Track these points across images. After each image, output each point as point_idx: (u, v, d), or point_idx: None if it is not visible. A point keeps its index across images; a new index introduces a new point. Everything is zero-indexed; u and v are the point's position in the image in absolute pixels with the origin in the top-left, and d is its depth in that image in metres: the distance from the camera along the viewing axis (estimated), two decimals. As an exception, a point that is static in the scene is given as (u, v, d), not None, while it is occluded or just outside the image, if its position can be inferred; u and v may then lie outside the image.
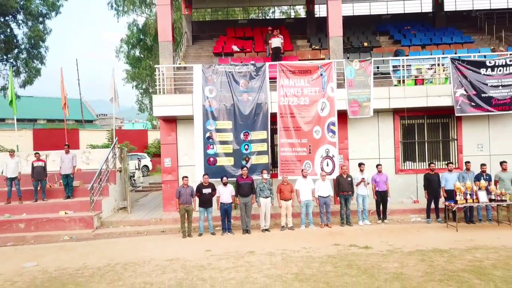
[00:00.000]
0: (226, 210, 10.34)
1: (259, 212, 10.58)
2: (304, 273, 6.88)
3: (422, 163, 12.57)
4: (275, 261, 7.71)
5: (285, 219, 10.57)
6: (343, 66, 11.81)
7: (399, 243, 8.78)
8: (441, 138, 12.84)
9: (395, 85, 12.10)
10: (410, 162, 12.81)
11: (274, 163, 12.13)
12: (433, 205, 10.98)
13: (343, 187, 10.80)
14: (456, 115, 11.79)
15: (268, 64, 11.83)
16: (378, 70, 13.44)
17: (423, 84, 12.09)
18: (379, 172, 11.02)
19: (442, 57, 11.99)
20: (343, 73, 11.81)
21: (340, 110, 11.74)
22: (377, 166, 11.12)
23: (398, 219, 11.41)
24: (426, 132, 12.80)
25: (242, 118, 11.64)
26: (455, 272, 6.68)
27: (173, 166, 12.48)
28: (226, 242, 9.54)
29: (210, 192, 10.33)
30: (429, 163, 11.37)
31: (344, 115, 11.94)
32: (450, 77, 11.74)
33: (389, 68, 12.26)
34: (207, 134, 11.60)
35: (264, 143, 11.69)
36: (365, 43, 17.71)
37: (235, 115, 11.63)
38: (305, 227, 10.60)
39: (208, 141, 11.61)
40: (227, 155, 11.64)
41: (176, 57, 15.43)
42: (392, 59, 12.27)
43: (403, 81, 12.10)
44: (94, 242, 10.31)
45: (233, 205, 10.66)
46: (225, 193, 10.34)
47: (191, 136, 12.03)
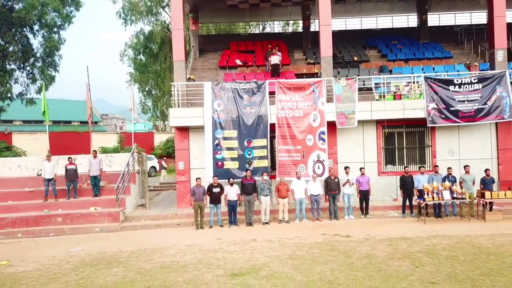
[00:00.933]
0: (232, 206, 12.33)
1: (260, 208, 12.57)
2: (296, 254, 8.84)
3: (401, 166, 14.51)
4: (273, 246, 9.68)
5: (282, 214, 12.56)
6: (332, 83, 13.77)
7: (375, 233, 10.75)
8: (417, 145, 14.82)
9: (376, 100, 14.08)
10: (391, 165, 14.78)
11: (273, 166, 14.08)
12: (408, 203, 12.96)
13: (331, 187, 12.78)
14: (428, 125, 13.77)
15: (268, 81, 13.80)
16: (364, 85, 15.43)
17: (400, 99, 14.07)
18: (362, 174, 13.00)
19: (417, 76, 13.97)
20: (332, 89, 13.77)
21: (330, 121, 13.71)
22: (360, 169, 13.10)
23: (379, 214, 13.38)
24: (404, 139, 14.77)
25: (246, 128, 13.61)
26: (412, 253, 8.64)
27: (186, 168, 14.44)
28: (233, 232, 11.52)
29: (219, 191, 12.31)
30: (404, 166, 13.37)
31: (333, 125, 13.89)
32: (423, 93, 13.71)
33: (372, 85, 14.22)
34: (216, 142, 13.57)
35: (264, 149, 13.67)
36: (355, 57, 19.68)
37: (240, 125, 13.60)
38: (299, 220, 12.57)
39: (216, 147, 13.58)
40: (233, 159, 13.61)
41: (186, 69, 17.39)
42: (374, 77, 14.26)
43: (384, 96, 14.08)
44: (122, 233, 12.29)
45: (239, 202, 12.63)
46: (232, 192, 12.33)
47: (201, 143, 13.99)
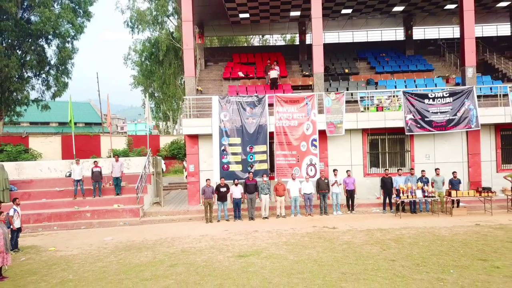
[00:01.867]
0: (237, 204, 14.45)
1: (261, 205, 14.67)
2: (290, 241, 10.94)
3: (384, 169, 16.59)
4: (271, 235, 11.78)
5: (279, 210, 14.66)
6: (323, 97, 15.86)
7: (357, 225, 12.85)
8: (398, 150, 16.93)
9: (361, 111, 16.19)
10: (375, 168, 16.87)
11: (272, 168, 16.16)
12: (388, 200, 15.07)
13: (322, 186, 14.88)
14: (406, 134, 15.89)
15: (267, 95, 15.91)
16: (352, 97, 17.54)
17: (382, 110, 16.18)
18: (348, 176, 15.11)
19: (397, 90, 16.09)
20: (323, 102, 15.86)
21: (321, 130, 15.81)
22: (347, 171, 15.21)
23: (363, 210, 15.49)
24: (387, 145, 16.88)
25: (248, 135, 15.71)
26: (383, 240, 10.75)
27: (196, 170, 16.52)
28: (237, 225, 13.63)
29: (225, 190, 14.41)
30: (385, 169, 15.50)
31: (324, 133, 15.97)
32: (402, 105, 15.81)
33: (358, 98, 16.32)
34: (222, 147, 15.67)
35: (264, 154, 15.76)
36: (346, 70, 21.81)
37: (243, 133, 15.70)
38: (294, 215, 14.68)
39: (223, 152, 15.67)
40: (237, 163, 15.70)
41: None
42: (360, 92, 16.37)
43: (368, 108, 16.19)
44: (143, 226, 14.39)
45: (242, 200, 14.72)
46: (236, 191, 14.44)
47: (209, 148, 16.08)
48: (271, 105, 16.00)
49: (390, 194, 14.91)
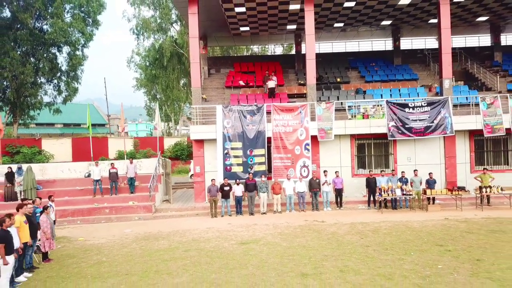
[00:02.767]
0: (238, 201, 16.40)
1: (259, 202, 16.62)
2: (284, 232, 12.89)
3: (369, 170, 18.56)
4: (268, 227, 13.74)
5: (276, 206, 16.62)
6: (315, 106, 17.82)
7: (343, 219, 14.79)
8: (383, 153, 18.89)
9: (349, 119, 18.15)
10: (362, 169, 18.82)
11: (269, 169, 18.10)
12: (372, 198, 17.02)
13: (313, 186, 16.83)
14: (388, 139, 17.86)
15: (265, 105, 17.86)
16: (341, 105, 19.50)
17: (368, 118, 18.13)
18: (337, 176, 17.06)
19: (381, 100, 18.04)
20: (315, 111, 17.81)
21: (313, 135, 17.76)
22: (335, 172, 17.17)
23: (350, 207, 17.44)
24: (372, 149, 18.85)
25: (248, 140, 17.66)
26: (363, 231, 12.70)
27: (201, 171, 18.47)
28: (239, 219, 15.58)
29: (228, 189, 16.36)
30: (369, 170, 17.46)
31: (316, 138, 17.92)
32: (385, 114, 17.77)
33: (346, 107, 18.29)
34: (225, 151, 17.62)
35: (262, 157, 17.71)
36: (338, 79, 23.76)
37: (244, 138, 17.64)
38: (289, 211, 16.63)
39: (226, 155, 17.62)
40: (238, 165, 17.66)
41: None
42: (348, 101, 18.33)
43: (355, 115, 18.15)
44: (156, 220, 16.34)
45: (243, 197, 16.67)
46: (238, 189, 16.39)
47: (213, 152, 18.02)
48: (269, 113, 17.94)
49: (374, 192, 16.85)
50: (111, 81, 64.65)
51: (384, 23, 24.03)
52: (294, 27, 24.00)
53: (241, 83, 23.35)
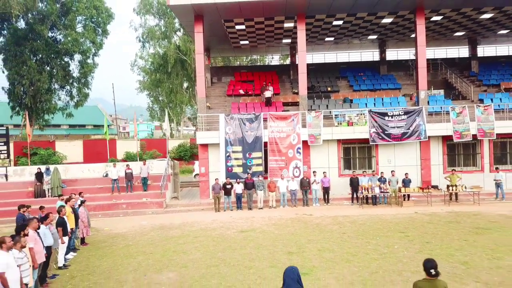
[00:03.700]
0: (239, 197, 18.88)
1: (257, 198, 19.11)
2: (277, 223, 15.39)
3: (353, 171, 21.04)
4: (264, 220, 16.23)
5: (271, 202, 19.10)
6: (306, 115, 20.30)
7: (328, 213, 17.29)
8: (366, 156, 21.39)
9: (336, 126, 20.65)
10: (347, 170, 21.30)
11: (266, 170, 20.56)
12: (355, 195, 19.51)
13: (304, 184, 19.31)
14: (370, 144, 20.36)
15: (262, 113, 20.35)
16: (330, 113, 21.98)
17: (352, 125, 20.63)
18: (325, 176, 19.55)
19: (363, 110, 20.55)
20: (306, 119, 20.29)
21: (304, 140, 20.24)
22: (323, 172, 19.66)
23: (336, 203, 19.91)
24: (357, 152, 21.34)
25: (247, 144, 20.14)
26: (343, 222, 15.19)
27: (206, 172, 20.94)
28: (239, 213, 18.08)
29: (230, 187, 18.85)
30: (353, 171, 19.96)
31: (307, 143, 20.40)
32: (367, 121, 20.26)
33: (333, 115, 20.79)
34: (227, 154, 20.10)
35: (260, 159, 20.20)
36: (329, 88, 26.26)
37: (243, 143, 20.13)
38: (282, 206, 19.12)
39: (227, 158, 20.11)
40: (238, 166, 20.14)
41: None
42: (335, 110, 20.83)
43: (341, 123, 20.65)
44: (167, 214, 18.82)
45: (243, 194, 19.15)
46: (238, 187, 18.88)
47: (217, 154, 20.48)
48: (265, 120, 20.43)
49: (357, 190, 19.35)
50: (110, 81, 67.09)
51: (371, 37, 26.54)
52: (289, 41, 26.49)
53: (241, 91, 25.82)
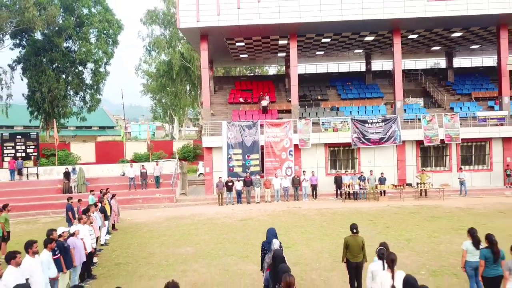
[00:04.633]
0: (239, 193, 22.06)
1: (254, 194, 22.28)
2: (271, 214, 18.54)
3: (337, 170, 24.16)
4: (260, 211, 19.40)
5: (267, 197, 22.27)
6: (297, 122, 23.46)
7: (314, 206, 20.43)
8: (350, 157, 24.56)
9: (323, 132, 23.82)
10: (333, 169, 24.45)
11: (262, 170, 23.70)
12: (338, 192, 22.67)
13: (295, 182, 22.48)
14: (352, 147, 23.54)
15: (259, 121, 23.51)
16: (318, 121, 25.14)
17: (337, 131, 23.80)
18: (313, 175, 22.72)
19: (346, 118, 23.73)
20: (297, 125, 23.44)
21: (295, 144, 23.40)
22: (312, 172, 22.83)
23: (323, 198, 23.05)
24: (342, 154, 24.51)
25: (246, 148, 23.29)
26: (325, 213, 18.35)
27: (210, 171, 24.08)
28: (239, 207, 21.25)
29: (231, 184, 22.02)
30: (337, 171, 23.15)
31: (297, 146, 23.55)
32: (350, 128, 23.42)
33: (321, 123, 23.97)
34: (229, 156, 23.25)
35: (257, 160, 23.35)
36: (319, 97, 29.42)
37: (243, 146, 23.28)
38: (276, 201, 22.28)
39: (229, 159, 23.26)
40: (238, 166, 23.29)
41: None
42: (322, 118, 24.00)
43: (327, 129, 23.83)
44: (177, 208, 21.96)
45: (242, 191, 22.31)
46: (238, 185, 22.05)
47: (219, 156, 23.62)
48: (262, 126, 23.57)
49: (340, 187, 22.51)
50: (111, 81, 70.00)
51: (357, 51, 29.71)
52: (283, 54, 29.66)
53: (241, 99, 28.98)
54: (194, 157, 43.51)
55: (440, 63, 33.69)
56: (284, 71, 37.48)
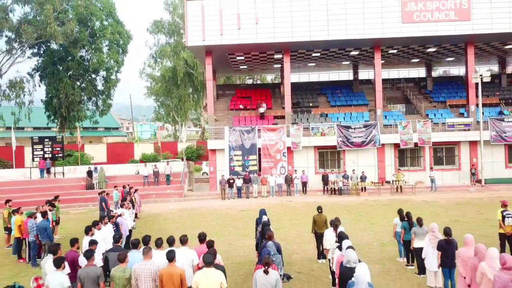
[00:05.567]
0: (239, 189, 25.52)
1: (252, 190, 25.73)
2: (267, 207, 21.68)
3: (324, 169, 27.58)
4: (257, 204, 22.81)
5: (263, 193, 25.72)
6: (289, 127, 26.90)
7: (304, 200, 23.87)
8: (336, 158, 28.02)
9: (312, 136, 27.27)
10: (322, 169, 27.91)
11: (259, 169, 27.12)
12: (326, 188, 26.12)
13: (288, 180, 25.92)
14: (337, 149, 27.00)
15: (257, 126, 26.96)
16: (309, 126, 28.60)
17: (324, 135, 27.25)
18: (303, 173, 26.17)
19: (332, 124, 27.20)
20: (290, 130, 26.88)
21: (289, 146, 26.85)
22: (302, 171, 26.29)
23: (312, 194, 26.51)
24: (329, 155, 27.97)
25: (246, 150, 26.74)
26: (312, 206, 21.71)
27: (214, 170, 27.51)
28: (240, 201, 24.69)
29: (233, 181, 25.46)
30: (324, 170, 26.61)
31: (290, 149, 26.99)
32: (336, 133, 26.87)
33: (310, 128, 27.44)
34: (230, 157, 26.70)
35: (255, 160, 26.80)
36: (311, 103, 32.87)
37: (242, 149, 26.72)
38: (272, 196, 25.74)
39: (231, 160, 26.71)
40: (239, 166, 26.73)
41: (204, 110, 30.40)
42: (312, 124, 27.47)
43: (316, 134, 27.28)
44: (186, 202, 25.39)
45: (242, 187, 25.75)
46: (239, 182, 25.51)
47: (222, 157, 27.07)
48: (259, 131, 27.00)
49: (327, 184, 25.97)
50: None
51: (345, 63, 33.16)
52: (279, 66, 33.11)
53: (241, 106, 32.42)
54: (197, 157, 46.88)
55: (420, 73, 37.12)
56: (279, 80, 40.94)
